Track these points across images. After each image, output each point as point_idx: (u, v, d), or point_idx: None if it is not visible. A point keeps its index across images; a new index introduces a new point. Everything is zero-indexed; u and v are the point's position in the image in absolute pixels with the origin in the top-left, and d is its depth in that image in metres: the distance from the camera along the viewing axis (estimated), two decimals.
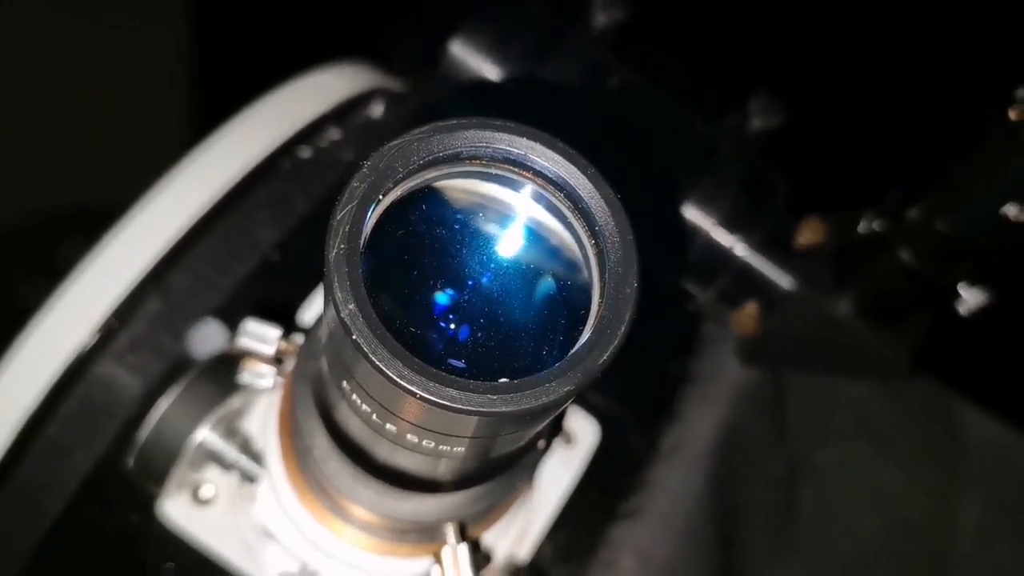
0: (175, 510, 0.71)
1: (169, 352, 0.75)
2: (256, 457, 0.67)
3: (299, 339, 0.56)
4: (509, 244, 0.39)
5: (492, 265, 0.39)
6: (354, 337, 0.33)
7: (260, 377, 0.59)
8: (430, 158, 0.37)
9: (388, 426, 0.39)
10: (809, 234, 0.76)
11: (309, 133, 0.84)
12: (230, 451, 0.67)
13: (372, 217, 0.36)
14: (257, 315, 0.74)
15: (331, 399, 0.45)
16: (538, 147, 0.37)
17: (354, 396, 0.39)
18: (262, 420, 0.66)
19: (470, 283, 0.38)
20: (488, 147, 0.37)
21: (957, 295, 0.71)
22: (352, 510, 0.56)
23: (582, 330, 0.39)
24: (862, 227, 0.73)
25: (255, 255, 0.78)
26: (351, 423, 0.44)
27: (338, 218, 0.35)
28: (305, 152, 0.83)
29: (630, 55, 0.75)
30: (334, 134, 0.86)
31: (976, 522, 0.86)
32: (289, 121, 0.84)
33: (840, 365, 0.79)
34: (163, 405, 0.64)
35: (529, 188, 0.38)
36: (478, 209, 0.39)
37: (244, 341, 0.55)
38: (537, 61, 0.77)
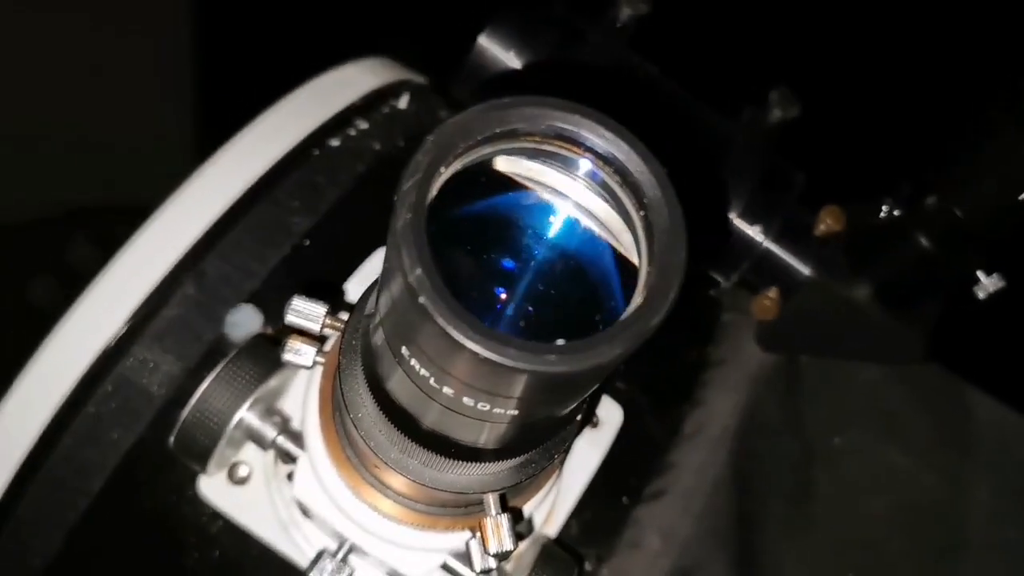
0: (212, 489, 0.73)
1: (205, 335, 0.77)
2: (294, 436, 0.69)
3: (343, 316, 0.58)
4: (562, 217, 0.41)
5: (545, 238, 0.41)
6: (421, 300, 0.36)
7: (302, 355, 0.60)
8: (488, 134, 0.39)
9: (445, 389, 0.41)
10: (828, 222, 0.78)
11: (338, 123, 0.87)
12: (269, 430, 0.69)
13: (434, 189, 0.38)
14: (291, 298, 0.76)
15: (383, 368, 0.47)
16: (590, 123, 0.39)
17: (412, 361, 0.41)
18: (301, 399, 0.68)
19: (524, 255, 0.41)
20: (542, 124, 0.39)
21: (973, 281, 0.73)
22: (393, 483, 0.58)
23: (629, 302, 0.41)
24: (880, 215, 0.75)
25: (288, 241, 0.80)
26: (403, 390, 0.46)
27: (404, 189, 0.37)
28: (334, 141, 0.85)
29: (652, 48, 0.78)
30: (362, 124, 0.88)
31: (988, 505, 0.88)
32: (320, 112, 0.87)
33: (857, 349, 0.81)
34: (203, 386, 0.66)
35: (580, 163, 0.40)
36: (532, 183, 0.41)
37: (291, 318, 0.57)
38: (562, 53, 0.79)
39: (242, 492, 0.74)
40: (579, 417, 0.55)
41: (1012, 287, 0.73)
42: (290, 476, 0.73)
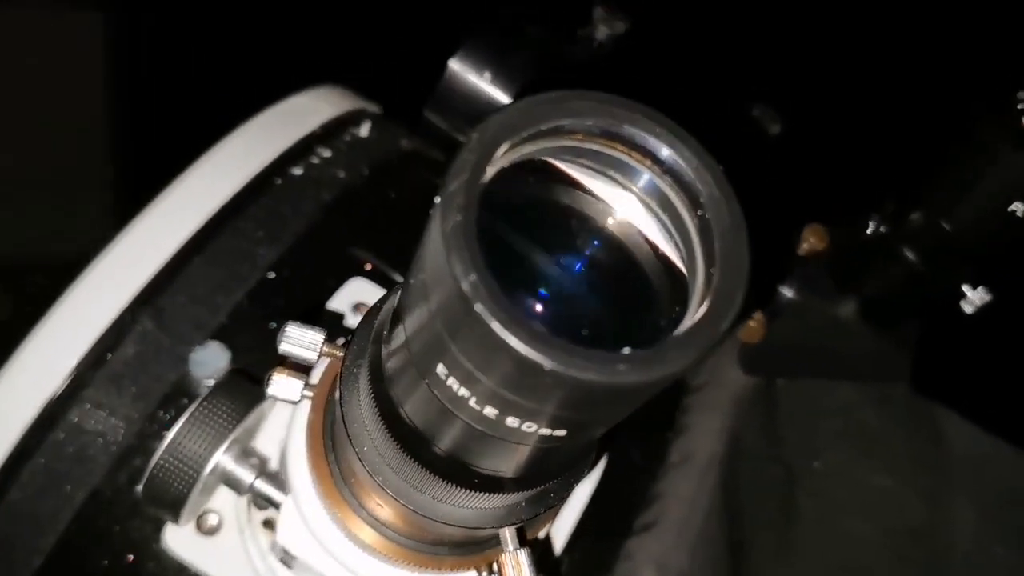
0: (180, 541, 0.68)
1: (166, 376, 0.72)
2: (272, 478, 0.64)
3: (340, 343, 0.54)
4: (608, 222, 0.39)
5: (594, 240, 0.38)
6: (477, 308, 0.32)
7: (288, 389, 0.56)
8: (533, 131, 0.36)
9: (486, 410, 0.37)
10: (812, 241, 0.77)
11: (299, 152, 0.83)
12: (246, 474, 0.64)
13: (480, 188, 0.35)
14: (258, 332, 0.72)
15: (400, 393, 0.44)
16: (640, 120, 0.37)
17: (449, 380, 0.37)
18: (280, 438, 0.64)
19: (572, 259, 0.38)
20: (589, 120, 0.37)
21: (959, 296, 0.73)
22: (395, 522, 0.55)
23: (680, 310, 0.38)
24: (864, 231, 0.74)
25: (253, 273, 0.76)
26: (427, 415, 0.42)
27: (450, 190, 0.34)
28: (297, 170, 0.82)
29: (630, 68, 0.76)
30: (324, 152, 0.84)
31: (971, 525, 0.87)
32: (279, 141, 0.83)
33: (841, 369, 0.80)
34: (176, 427, 0.61)
35: (632, 164, 0.38)
36: (577, 185, 0.38)
37: (286, 347, 0.53)
38: (537, 75, 0.77)
39: (213, 543, 0.69)
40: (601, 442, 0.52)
41: (998, 303, 0.73)
42: (266, 523, 0.68)
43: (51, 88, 1.68)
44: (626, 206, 0.39)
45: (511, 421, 0.38)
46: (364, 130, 0.89)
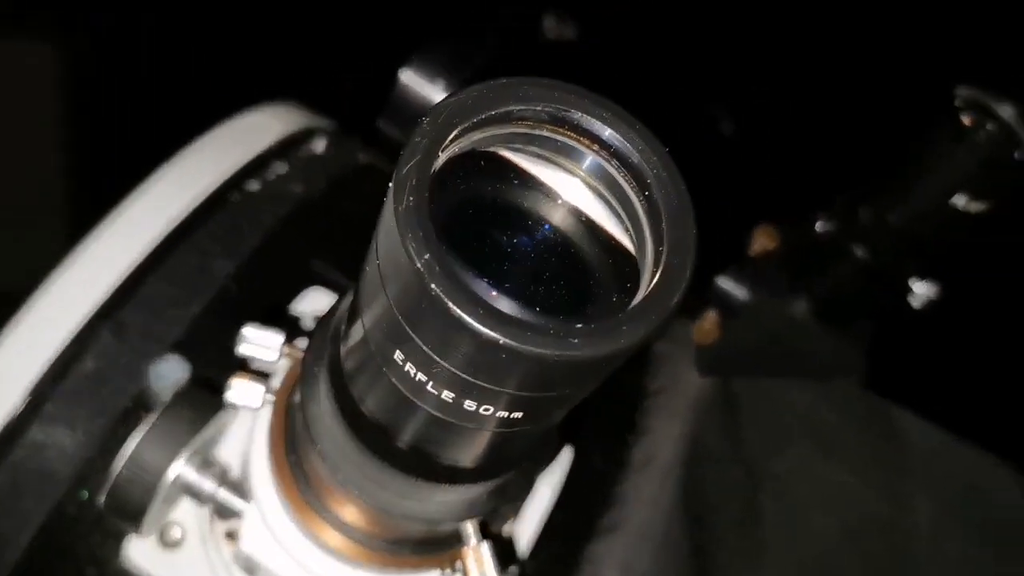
0: (142, 555, 0.68)
1: (127, 389, 0.72)
2: (235, 487, 0.64)
3: (300, 344, 0.54)
4: (558, 206, 0.40)
5: (543, 224, 0.39)
6: (432, 287, 0.33)
7: (249, 395, 0.57)
8: (484, 115, 0.37)
9: (444, 393, 0.38)
10: (763, 241, 0.79)
11: (256, 167, 0.83)
12: (207, 483, 0.64)
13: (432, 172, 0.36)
14: (217, 344, 0.72)
15: (361, 387, 0.44)
16: (587, 105, 0.38)
17: (407, 366, 0.38)
18: (241, 446, 0.64)
19: (525, 242, 0.39)
20: (538, 105, 0.38)
21: (907, 292, 0.74)
22: (358, 522, 0.55)
23: (631, 287, 0.39)
24: (814, 230, 0.76)
25: (211, 286, 0.76)
26: (387, 405, 0.43)
27: (403, 172, 0.35)
28: (254, 185, 0.82)
29: (580, 74, 0.77)
30: (280, 168, 0.85)
31: (929, 520, 0.89)
32: (235, 157, 0.83)
33: (797, 368, 0.81)
34: (137, 436, 0.61)
35: (579, 150, 0.39)
36: (527, 173, 0.39)
37: (244, 349, 0.53)
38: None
39: (176, 556, 0.68)
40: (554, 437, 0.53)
41: (945, 298, 0.74)
42: (229, 534, 0.68)
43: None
44: (575, 191, 0.40)
45: (469, 404, 0.38)
46: (320, 146, 0.90)
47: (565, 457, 0.76)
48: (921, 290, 0.74)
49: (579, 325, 0.34)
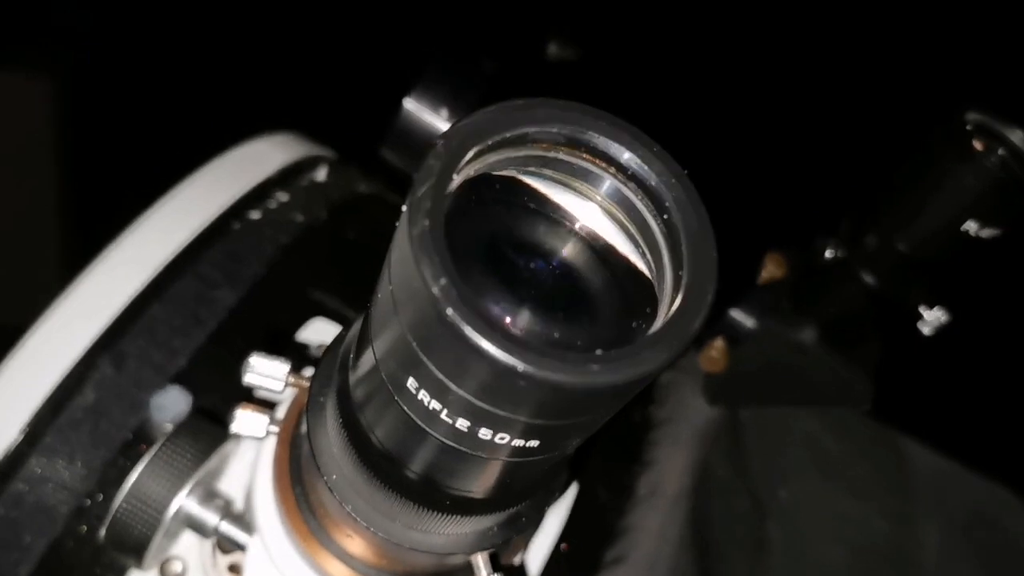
0: None
1: (127, 422, 0.71)
2: (238, 520, 0.63)
3: (307, 373, 0.53)
4: (574, 231, 0.39)
5: (559, 249, 0.38)
6: (448, 312, 0.32)
7: (253, 425, 0.56)
8: (499, 138, 0.36)
9: (458, 422, 0.37)
10: (771, 268, 0.78)
11: (257, 196, 0.83)
12: (210, 516, 0.63)
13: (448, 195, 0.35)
14: (220, 375, 0.71)
15: (370, 416, 0.43)
16: (604, 126, 0.37)
17: (421, 395, 0.37)
18: (245, 477, 0.63)
19: (541, 267, 0.38)
20: (553, 127, 0.37)
21: (916, 317, 0.74)
22: (366, 554, 0.54)
23: (649, 312, 0.38)
24: (822, 256, 0.75)
25: (213, 316, 0.75)
26: (398, 435, 0.42)
27: (418, 195, 0.34)
28: (255, 214, 0.82)
29: (583, 96, 0.77)
30: (282, 197, 0.84)
31: (937, 546, 0.88)
32: (236, 186, 0.83)
33: (805, 396, 0.80)
34: (138, 468, 0.60)
35: (595, 171, 0.38)
36: (543, 197, 0.39)
37: (250, 378, 0.52)
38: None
39: None
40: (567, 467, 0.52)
41: (955, 324, 0.74)
42: (232, 568, 0.67)
43: None
44: (591, 215, 0.39)
45: (484, 433, 0.38)
46: (321, 175, 0.89)
47: (571, 487, 0.76)
48: (930, 316, 0.73)
49: (599, 351, 0.33)
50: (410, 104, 0.78)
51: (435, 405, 0.37)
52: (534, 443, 0.38)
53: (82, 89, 1.74)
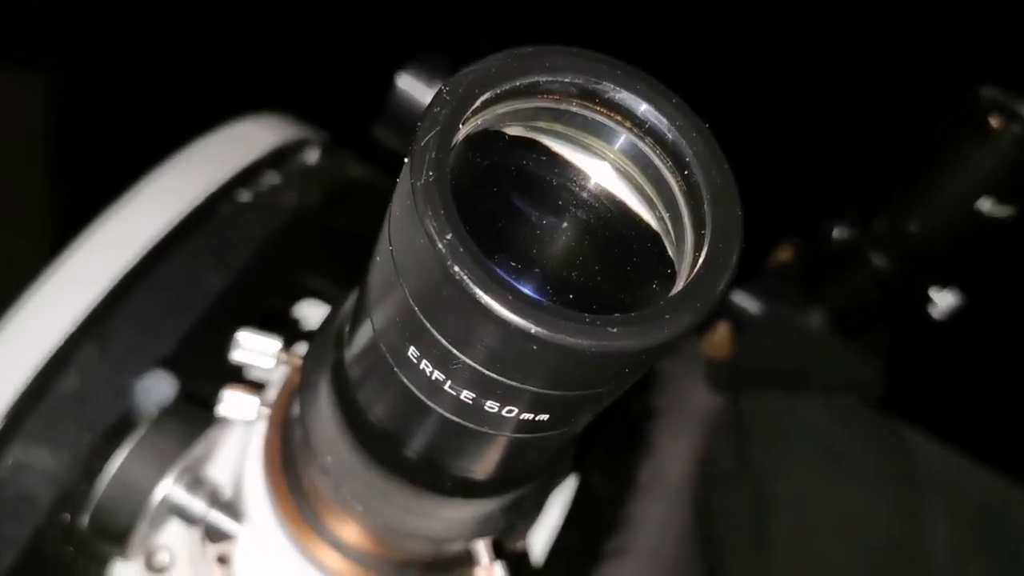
0: None
1: (112, 407, 0.68)
2: (227, 508, 0.60)
3: (300, 350, 0.51)
4: (586, 189, 0.37)
5: (573, 206, 0.36)
6: (455, 269, 0.30)
7: (243, 408, 0.53)
8: (508, 86, 0.34)
9: (463, 394, 0.35)
10: (779, 254, 0.76)
11: (247, 177, 0.80)
12: (198, 504, 0.60)
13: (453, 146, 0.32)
14: (207, 360, 0.69)
15: (369, 393, 0.41)
16: (619, 75, 0.35)
17: (423, 364, 0.35)
18: (235, 463, 0.60)
19: (553, 225, 0.35)
20: (566, 76, 0.34)
21: (926, 301, 0.71)
22: (361, 542, 0.51)
23: (670, 273, 0.36)
24: (831, 239, 0.73)
25: (201, 300, 0.72)
26: (398, 411, 0.40)
27: (422, 143, 0.31)
28: (244, 196, 0.79)
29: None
30: (273, 179, 0.82)
31: (946, 538, 0.85)
32: (224, 166, 0.80)
33: (814, 383, 0.78)
34: (122, 453, 0.57)
35: (609, 125, 0.36)
36: (553, 152, 0.36)
37: (239, 355, 0.49)
38: None
39: None
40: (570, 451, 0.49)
41: (967, 309, 0.71)
42: (220, 559, 0.64)
43: None
44: (604, 175, 0.37)
45: (491, 405, 0.35)
46: (313, 157, 0.86)
47: (571, 478, 0.73)
48: (941, 300, 0.71)
49: (617, 314, 0.31)
50: (403, 81, 0.76)
51: (438, 376, 0.35)
52: (544, 417, 0.36)
53: (72, 65, 1.72)
